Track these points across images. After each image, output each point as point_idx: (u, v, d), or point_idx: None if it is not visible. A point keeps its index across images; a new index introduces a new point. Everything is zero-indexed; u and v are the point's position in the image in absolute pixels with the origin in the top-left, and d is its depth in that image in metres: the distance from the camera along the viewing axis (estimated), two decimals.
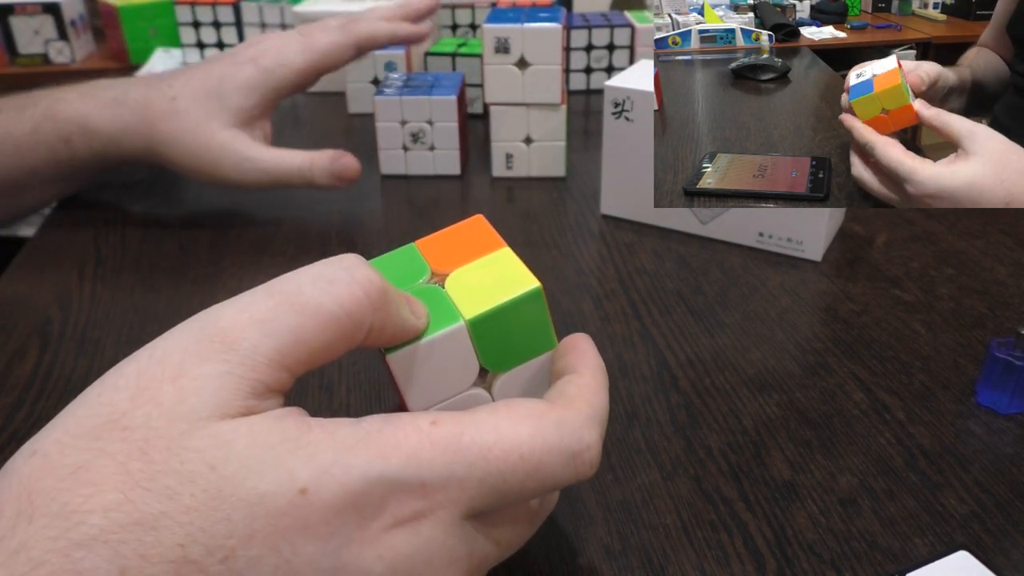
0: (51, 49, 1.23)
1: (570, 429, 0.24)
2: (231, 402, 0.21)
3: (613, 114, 0.52)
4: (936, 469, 0.34)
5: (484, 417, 0.23)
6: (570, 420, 0.24)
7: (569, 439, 0.24)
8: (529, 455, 0.23)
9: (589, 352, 0.28)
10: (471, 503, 0.23)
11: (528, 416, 0.24)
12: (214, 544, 0.19)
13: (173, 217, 0.57)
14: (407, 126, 0.61)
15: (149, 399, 0.20)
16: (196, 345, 0.21)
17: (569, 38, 0.81)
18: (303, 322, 0.22)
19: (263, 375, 0.21)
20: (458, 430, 0.23)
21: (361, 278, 0.23)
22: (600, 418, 0.25)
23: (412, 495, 0.22)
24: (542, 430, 0.23)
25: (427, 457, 0.22)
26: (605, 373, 0.27)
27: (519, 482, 0.23)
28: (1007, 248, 0.52)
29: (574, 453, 0.24)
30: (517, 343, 0.26)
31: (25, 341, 0.43)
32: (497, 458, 0.23)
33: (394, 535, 0.21)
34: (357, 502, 0.21)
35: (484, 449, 0.23)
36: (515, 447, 0.23)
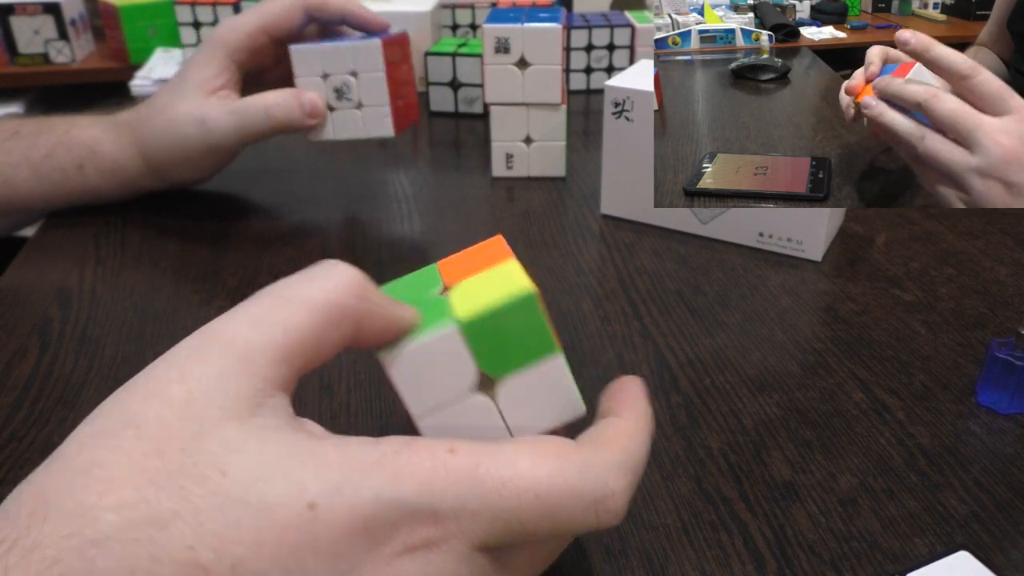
0: (51, 49, 1.23)
1: (595, 474, 0.23)
2: (237, 401, 0.21)
3: (613, 114, 0.52)
4: (936, 469, 0.34)
5: (504, 449, 0.23)
6: (596, 464, 0.23)
7: (592, 484, 0.23)
8: (546, 496, 0.22)
9: (636, 396, 0.27)
10: (484, 536, 0.22)
11: (551, 454, 0.23)
12: (223, 550, 0.19)
13: (173, 217, 0.57)
14: (329, 80, 0.53)
15: (159, 399, 0.20)
16: (198, 349, 0.22)
17: (569, 38, 0.81)
18: (292, 313, 0.23)
19: (262, 370, 0.22)
20: (475, 460, 0.22)
21: (341, 271, 0.24)
22: (632, 466, 0.24)
23: (423, 523, 0.21)
24: (564, 471, 0.22)
25: (441, 486, 0.21)
26: (650, 420, 0.26)
27: (533, 522, 0.22)
28: (1007, 248, 0.52)
29: (596, 499, 0.23)
30: (513, 347, 0.26)
31: (25, 341, 0.43)
32: (512, 494, 0.22)
33: (404, 562, 0.21)
34: (367, 525, 0.20)
35: (499, 483, 0.22)
36: (532, 486, 0.22)
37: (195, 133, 0.52)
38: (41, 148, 0.54)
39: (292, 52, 0.53)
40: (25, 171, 0.54)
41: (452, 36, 0.88)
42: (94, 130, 0.55)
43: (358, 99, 0.53)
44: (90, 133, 0.55)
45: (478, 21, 0.87)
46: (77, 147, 0.55)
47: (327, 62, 0.53)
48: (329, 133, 0.54)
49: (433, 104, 0.77)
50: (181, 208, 0.59)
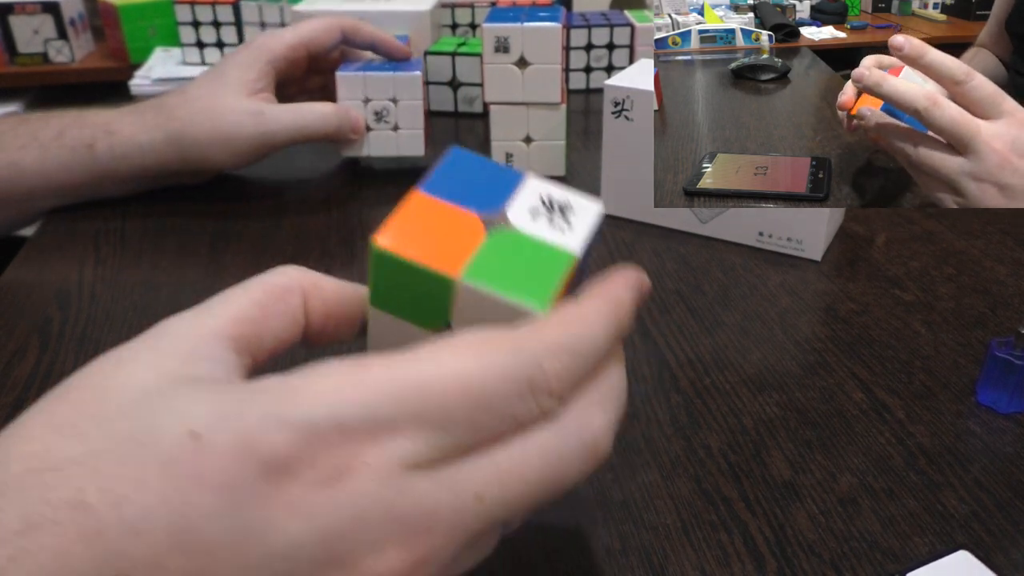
0: (50, 48, 1.23)
1: (528, 355, 0.21)
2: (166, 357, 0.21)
3: (613, 113, 0.52)
4: (936, 469, 0.34)
5: (421, 351, 0.20)
6: (529, 346, 0.21)
7: (524, 366, 0.20)
8: (476, 385, 0.20)
9: (610, 283, 0.24)
10: (410, 448, 0.19)
11: (477, 344, 0.21)
12: (109, 488, 0.18)
13: (173, 216, 0.57)
14: (370, 104, 0.59)
15: (93, 370, 0.21)
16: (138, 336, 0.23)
17: (569, 37, 0.81)
18: (231, 293, 0.24)
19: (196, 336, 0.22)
20: (388, 367, 0.20)
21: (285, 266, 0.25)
22: (572, 346, 0.21)
23: (329, 444, 0.19)
24: (492, 357, 0.20)
25: (346, 398, 0.19)
26: (618, 304, 0.23)
27: (467, 417, 0.20)
28: (1007, 248, 0.52)
29: (530, 382, 0.20)
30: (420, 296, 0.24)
31: (25, 341, 0.43)
32: (435, 391, 0.20)
33: (313, 493, 0.19)
34: (256, 450, 0.18)
35: (418, 383, 0.20)
36: (457, 377, 0.20)
37: (250, 125, 0.55)
38: (51, 129, 0.55)
39: (338, 77, 0.58)
40: (33, 152, 0.54)
41: (452, 35, 0.87)
42: (108, 114, 0.56)
43: (395, 122, 0.60)
44: (104, 116, 0.56)
45: (478, 20, 0.87)
46: (89, 126, 0.55)
47: (370, 88, 0.58)
48: (364, 150, 0.60)
49: (433, 104, 0.77)
50: (181, 208, 0.59)
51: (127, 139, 0.55)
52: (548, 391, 0.21)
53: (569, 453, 0.22)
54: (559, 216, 0.25)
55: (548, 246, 0.24)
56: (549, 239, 0.24)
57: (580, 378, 0.22)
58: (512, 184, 0.25)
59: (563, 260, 0.24)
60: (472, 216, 0.24)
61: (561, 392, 0.21)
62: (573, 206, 0.25)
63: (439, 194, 0.24)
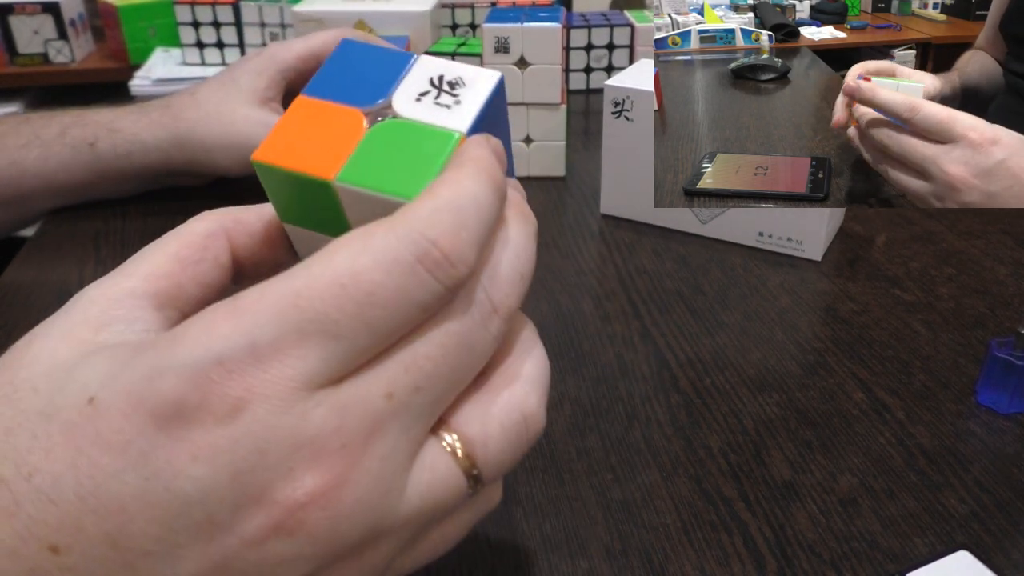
0: (51, 49, 1.23)
1: (404, 232, 0.19)
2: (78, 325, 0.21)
3: (613, 114, 0.52)
4: (936, 469, 0.34)
5: (293, 268, 0.19)
6: (403, 223, 0.19)
7: (404, 244, 0.19)
8: (354, 280, 0.19)
9: (466, 150, 0.22)
10: (303, 365, 0.18)
11: (349, 241, 0.19)
12: (20, 460, 0.19)
13: (173, 217, 0.57)
14: None
15: (8, 353, 0.21)
16: None
17: (569, 37, 0.81)
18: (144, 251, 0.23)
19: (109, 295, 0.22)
20: (259, 290, 0.19)
21: None
22: (451, 206, 0.20)
23: (215, 381, 0.18)
24: (367, 248, 0.19)
25: (222, 331, 0.18)
26: (479, 160, 0.21)
27: (355, 316, 0.19)
28: (1007, 248, 0.52)
29: (416, 258, 0.19)
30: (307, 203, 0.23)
31: None
32: (312, 299, 0.18)
33: (211, 433, 0.18)
34: (144, 403, 0.18)
35: (292, 296, 0.19)
36: (333, 278, 0.19)
37: (261, 134, 0.54)
38: (53, 127, 0.55)
39: None
40: (34, 151, 0.54)
41: (452, 36, 0.87)
42: (112, 113, 0.56)
43: None
44: (107, 115, 0.56)
45: (478, 21, 0.87)
46: (91, 125, 0.55)
47: None
48: None
49: None
50: (181, 208, 0.59)
51: (130, 137, 0.55)
52: (444, 261, 0.19)
53: (474, 323, 0.20)
54: (447, 94, 0.23)
55: (430, 129, 0.22)
56: (432, 121, 0.22)
57: (476, 237, 0.20)
58: (400, 69, 0.23)
59: (447, 141, 0.22)
60: (354, 112, 0.23)
61: (461, 257, 0.19)
62: (465, 80, 0.23)
63: (322, 94, 0.23)
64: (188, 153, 0.55)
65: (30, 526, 0.18)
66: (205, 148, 0.55)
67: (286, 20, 0.88)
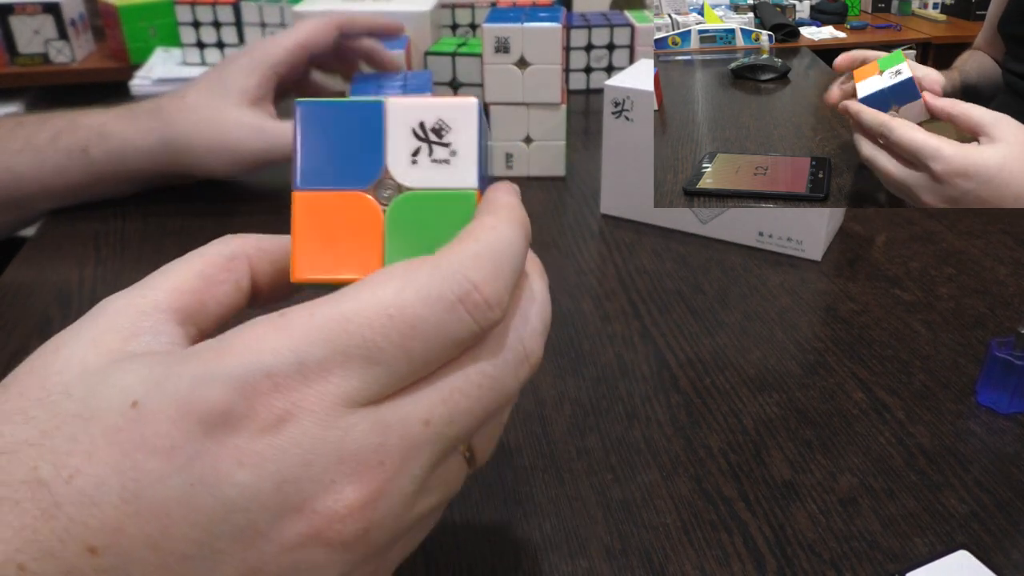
0: (51, 49, 1.23)
1: (448, 272, 0.21)
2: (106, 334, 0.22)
3: (613, 114, 0.52)
4: (936, 469, 0.34)
5: (344, 290, 0.21)
6: (447, 263, 0.21)
7: (447, 283, 0.20)
8: (400, 312, 0.20)
9: (492, 195, 0.24)
10: (345, 386, 0.20)
11: (395, 273, 0.21)
12: (60, 463, 0.19)
13: (173, 217, 0.57)
14: None
15: (35, 356, 0.22)
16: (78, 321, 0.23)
17: (569, 37, 0.81)
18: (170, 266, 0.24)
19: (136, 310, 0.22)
20: (308, 311, 0.20)
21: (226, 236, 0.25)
22: (492, 252, 0.21)
23: (262, 393, 0.19)
24: (412, 282, 0.20)
25: (271, 346, 0.20)
26: (511, 208, 0.23)
27: (399, 345, 0.20)
28: (1007, 248, 0.52)
29: (458, 297, 0.20)
30: None
31: (25, 341, 0.43)
32: (359, 325, 0.20)
33: (257, 441, 0.19)
34: (192, 409, 0.19)
35: (341, 320, 0.20)
36: (380, 308, 0.20)
37: (253, 139, 0.54)
38: (46, 132, 0.55)
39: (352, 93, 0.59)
40: (28, 157, 0.54)
41: (452, 36, 0.87)
42: (102, 116, 0.56)
43: None
44: (98, 118, 0.55)
45: (478, 21, 0.87)
46: (83, 129, 0.55)
47: None
48: None
49: None
50: (181, 209, 0.59)
51: (122, 142, 0.55)
52: (483, 304, 0.21)
53: (507, 366, 0.22)
54: (439, 145, 0.23)
55: (444, 195, 0.23)
56: (442, 184, 0.23)
57: (510, 283, 0.22)
58: (376, 126, 0.23)
59: (466, 201, 0.23)
60: (360, 196, 0.23)
61: (497, 301, 0.21)
62: (447, 121, 0.23)
63: (317, 184, 0.24)
64: (178, 157, 0.55)
65: (70, 527, 0.18)
66: (194, 154, 0.54)
67: (286, 20, 0.88)
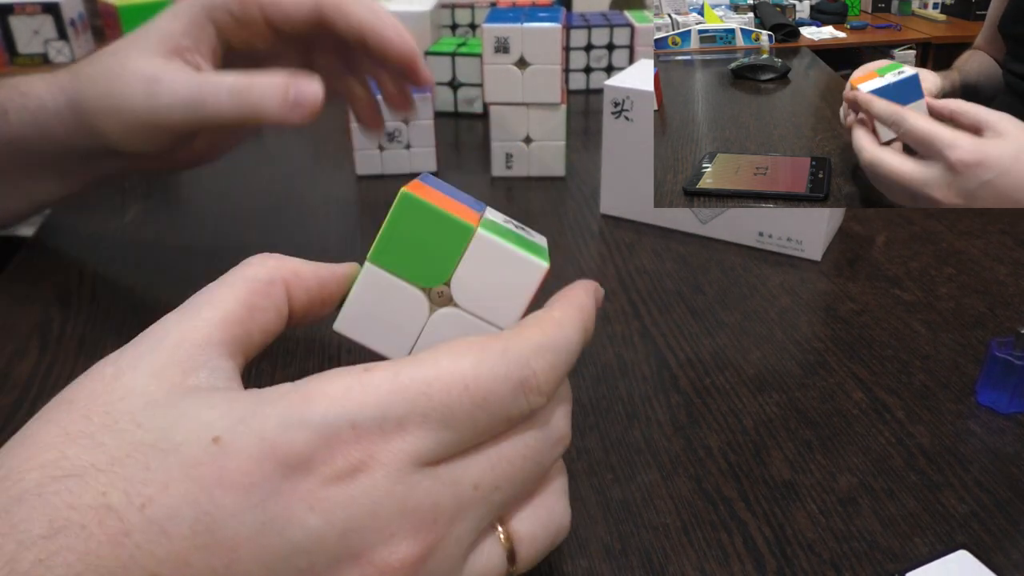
0: (51, 49, 1.23)
1: (515, 356, 0.23)
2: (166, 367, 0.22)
3: (613, 114, 0.52)
4: (936, 469, 0.34)
5: (423, 355, 0.22)
6: (515, 348, 0.23)
7: (514, 366, 0.23)
8: (474, 386, 0.22)
9: (574, 291, 0.27)
10: (419, 446, 0.21)
11: (471, 348, 0.23)
12: (132, 491, 0.19)
13: (173, 217, 0.57)
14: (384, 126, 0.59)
15: (93, 378, 0.22)
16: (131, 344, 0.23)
17: (569, 38, 0.81)
18: (215, 292, 0.24)
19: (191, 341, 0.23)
20: (393, 371, 0.22)
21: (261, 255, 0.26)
22: (553, 346, 0.24)
23: (344, 442, 0.20)
24: (486, 360, 0.22)
25: (358, 400, 0.21)
26: (583, 310, 0.26)
27: (467, 414, 0.22)
28: (1007, 248, 0.52)
29: (521, 380, 0.23)
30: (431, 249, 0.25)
31: (25, 341, 0.43)
32: (439, 391, 0.21)
33: (331, 492, 0.20)
34: (276, 451, 0.20)
35: (424, 384, 0.21)
36: (458, 379, 0.22)
37: (140, 94, 0.39)
38: None
39: None
40: None
41: (451, 36, 0.87)
42: (25, 77, 0.46)
43: (407, 141, 0.63)
44: (28, 77, 0.46)
45: (477, 21, 0.87)
46: (8, 87, 0.45)
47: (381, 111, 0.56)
48: (377, 168, 0.63)
49: None
50: (182, 208, 0.59)
51: (37, 101, 0.44)
52: (537, 390, 0.23)
53: (546, 444, 0.24)
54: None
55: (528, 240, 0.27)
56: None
57: (562, 377, 0.24)
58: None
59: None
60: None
61: (548, 390, 0.23)
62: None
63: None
64: (80, 120, 0.42)
65: (136, 555, 0.19)
66: (90, 114, 0.42)
67: None
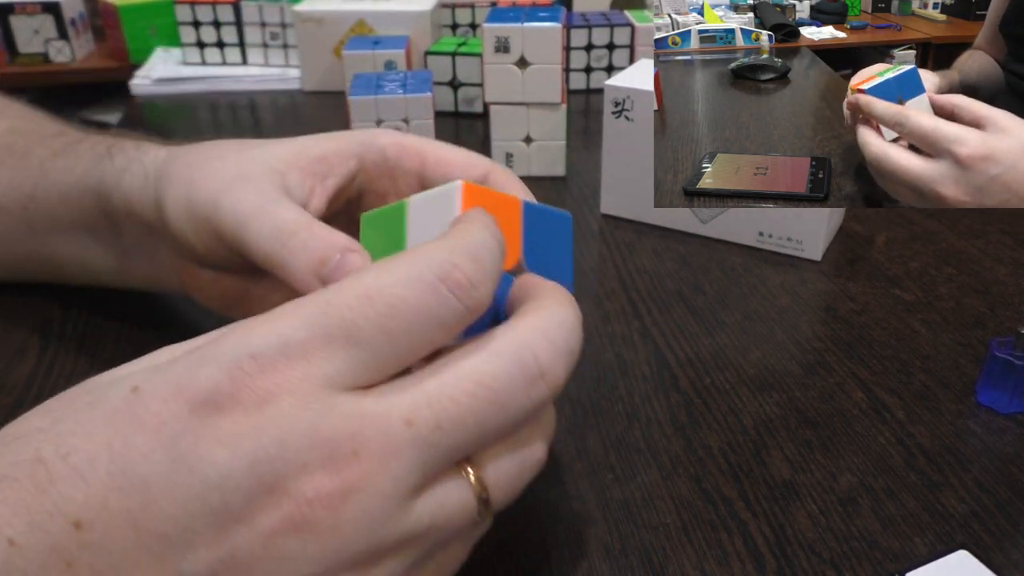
0: (51, 48, 1.23)
1: (430, 258, 0.21)
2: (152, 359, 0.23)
3: (613, 113, 0.52)
4: (936, 469, 0.34)
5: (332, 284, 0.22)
6: (424, 251, 0.22)
7: (428, 265, 0.21)
8: (378, 293, 0.21)
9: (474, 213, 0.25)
10: (325, 368, 0.20)
11: (376, 265, 0.22)
12: (61, 442, 0.20)
13: None
14: (382, 125, 0.60)
15: None
16: None
17: (569, 37, 0.81)
18: None
19: None
20: (295, 302, 0.21)
21: None
22: (471, 246, 0.22)
23: (248, 374, 0.20)
24: (393, 268, 0.21)
25: (259, 331, 0.20)
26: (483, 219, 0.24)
27: (378, 325, 0.20)
28: (1007, 248, 0.52)
29: (439, 278, 0.21)
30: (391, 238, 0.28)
31: (25, 341, 0.43)
32: (339, 307, 0.20)
33: (238, 422, 0.20)
34: (184, 390, 0.20)
35: (323, 304, 0.21)
36: (360, 291, 0.21)
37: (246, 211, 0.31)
38: None
39: (350, 101, 0.58)
40: None
41: (452, 36, 0.87)
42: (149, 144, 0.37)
43: None
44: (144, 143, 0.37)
45: (478, 21, 0.87)
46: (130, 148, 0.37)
47: (382, 110, 0.59)
48: None
49: None
50: None
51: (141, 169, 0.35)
52: (463, 283, 0.21)
53: (509, 377, 0.21)
54: None
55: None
56: None
57: (491, 270, 0.22)
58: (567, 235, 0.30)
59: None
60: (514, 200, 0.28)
61: (479, 278, 0.21)
62: None
63: None
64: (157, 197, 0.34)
65: (59, 502, 0.19)
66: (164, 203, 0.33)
67: (286, 20, 0.88)
